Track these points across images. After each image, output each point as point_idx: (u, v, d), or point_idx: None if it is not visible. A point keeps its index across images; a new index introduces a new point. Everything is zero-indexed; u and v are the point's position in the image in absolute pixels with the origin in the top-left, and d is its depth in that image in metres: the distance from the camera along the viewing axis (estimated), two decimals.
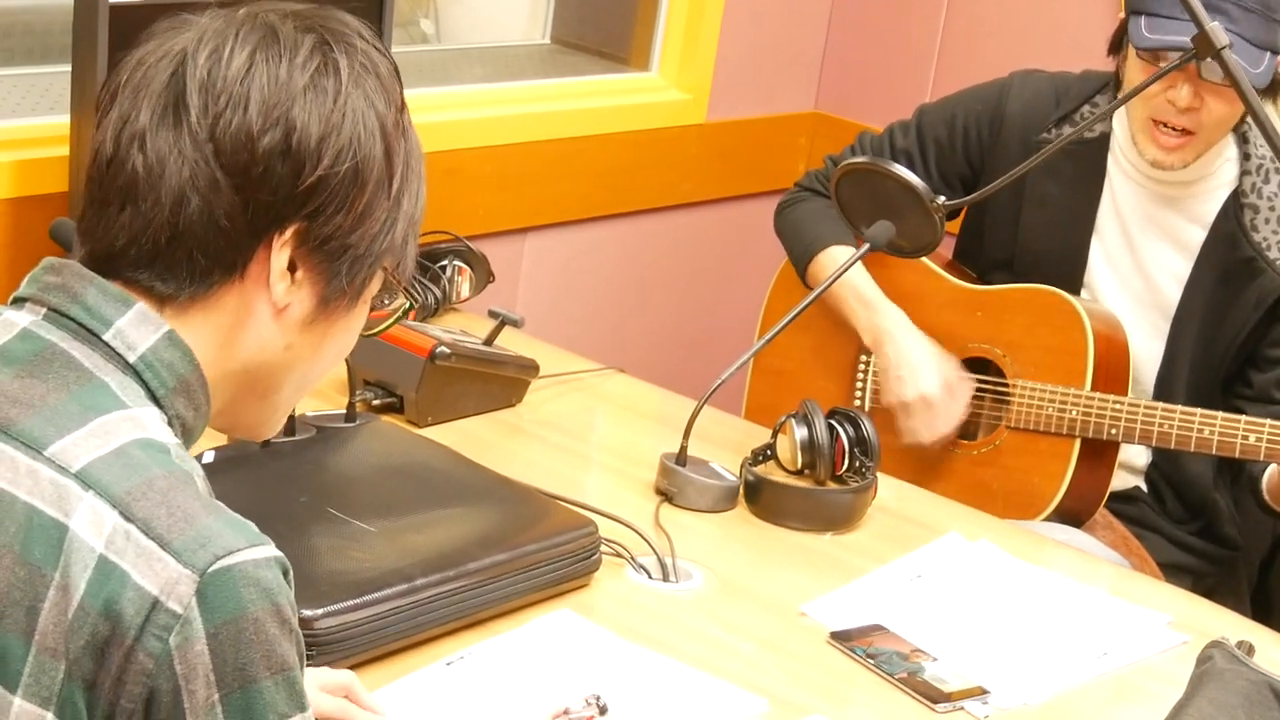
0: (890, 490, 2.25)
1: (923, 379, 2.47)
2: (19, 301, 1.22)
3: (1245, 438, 2.29)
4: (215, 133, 1.17)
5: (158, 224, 1.18)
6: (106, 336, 1.18)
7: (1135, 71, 2.38)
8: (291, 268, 1.21)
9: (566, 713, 1.62)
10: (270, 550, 1.13)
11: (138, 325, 1.19)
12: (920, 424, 2.47)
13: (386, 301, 1.32)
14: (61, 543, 1.09)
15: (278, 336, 1.24)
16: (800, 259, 2.63)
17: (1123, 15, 2.43)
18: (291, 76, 1.18)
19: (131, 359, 1.18)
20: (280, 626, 1.11)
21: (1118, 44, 2.47)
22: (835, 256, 2.57)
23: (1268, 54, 2.30)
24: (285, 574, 1.14)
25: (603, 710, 1.63)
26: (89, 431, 1.13)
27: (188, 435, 1.22)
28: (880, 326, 2.52)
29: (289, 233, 1.20)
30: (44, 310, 1.20)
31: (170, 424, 1.19)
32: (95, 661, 1.08)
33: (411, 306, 1.35)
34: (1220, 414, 2.32)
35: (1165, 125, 2.38)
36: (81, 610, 1.08)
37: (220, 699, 1.09)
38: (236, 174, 1.17)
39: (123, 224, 1.19)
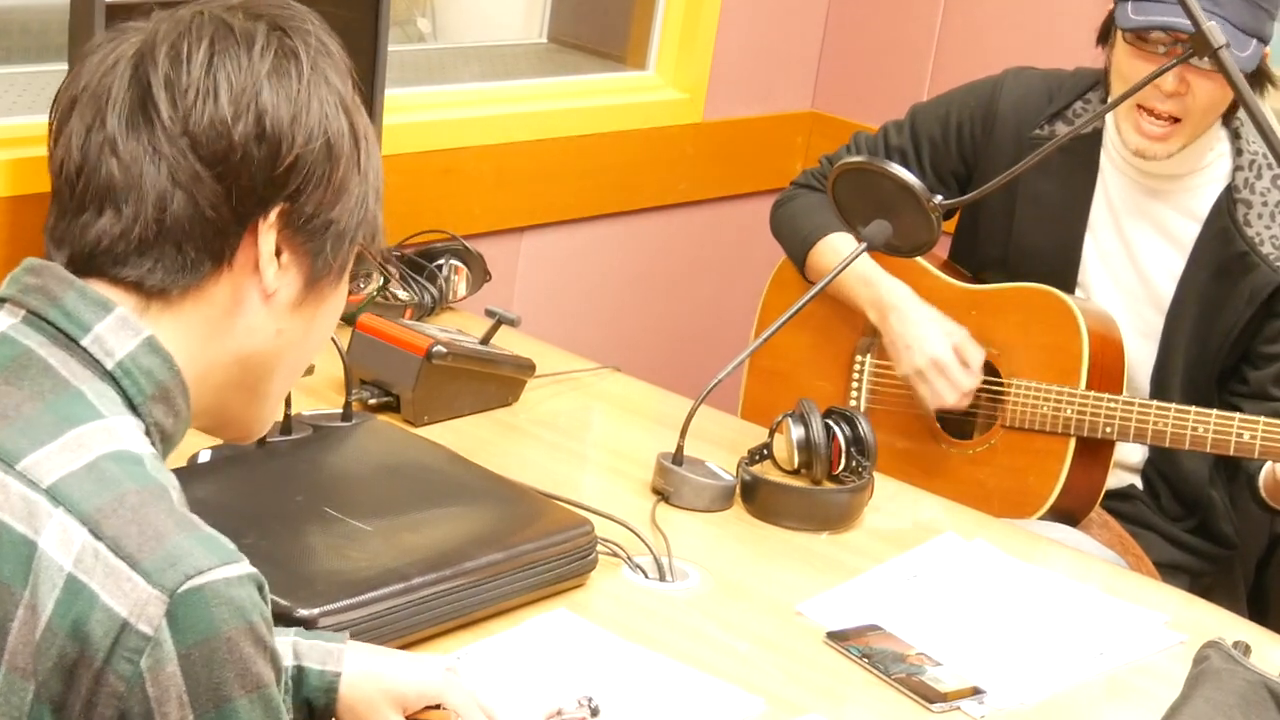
0: (886, 490, 2.25)
1: (929, 344, 2.47)
2: None
3: (1240, 435, 2.29)
4: (189, 126, 1.18)
5: (143, 222, 1.18)
6: (85, 342, 1.17)
7: (1123, 56, 2.38)
8: (276, 252, 1.22)
9: (560, 713, 1.62)
10: (243, 568, 1.11)
11: (117, 331, 1.18)
12: (941, 388, 2.46)
13: (362, 285, 1.34)
14: (30, 560, 1.08)
15: (269, 322, 1.24)
16: (799, 250, 2.63)
17: (1112, 6, 2.43)
18: (254, 64, 1.19)
19: (109, 365, 1.17)
20: (255, 644, 1.10)
21: (1105, 34, 2.47)
22: (835, 244, 2.57)
23: (1253, 40, 2.30)
24: (260, 590, 1.13)
25: (594, 712, 1.63)
26: (62, 444, 1.12)
27: (166, 443, 1.22)
28: (883, 300, 2.52)
29: (273, 215, 1.21)
30: (22, 313, 1.19)
31: (148, 432, 1.18)
32: (64, 683, 1.07)
33: (386, 283, 1.36)
34: (1215, 411, 2.32)
35: (1151, 112, 2.37)
36: (49, 630, 1.07)
37: (195, 719, 1.09)
38: (216, 163, 1.18)
39: (103, 228, 1.19)
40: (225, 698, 1.09)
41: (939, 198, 2.20)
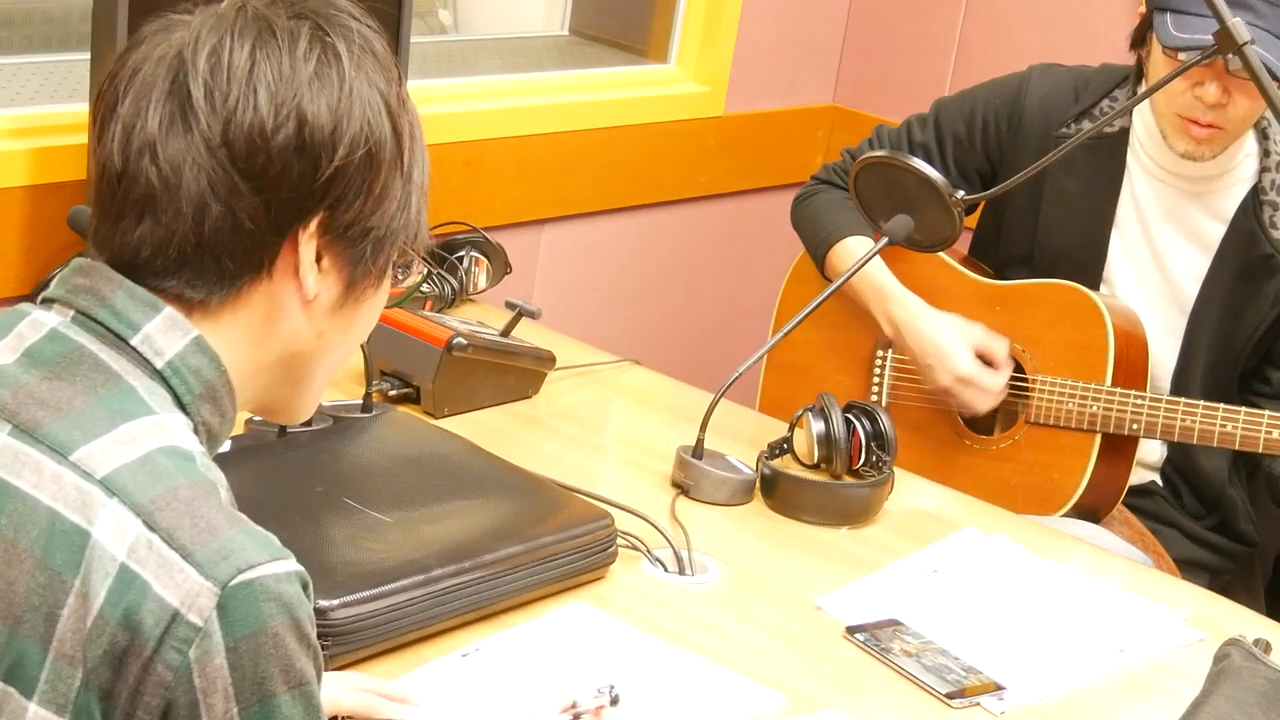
0: (907, 485, 2.25)
1: (952, 360, 2.46)
2: (48, 302, 1.21)
3: (1269, 433, 2.28)
4: (228, 135, 1.16)
5: (181, 234, 1.17)
6: (134, 341, 1.17)
7: (1161, 69, 2.36)
8: (317, 257, 1.21)
9: (575, 705, 1.62)
10: (291, 565, 1.12)
11: (166, 331, 1.18)
12: (971, 399, 2.47)
13: (401, 277, 1.33)
14: (83, 549, 1.09)
15: (309, 326, 1.24)
16: (818, 249, 2.63)
17: (1143, 10, 2.41)
18: (295, 68, 1.17)
19: (159, 365, 1.18)
20: (299, 641, 1.11)
21: (1140, 38, 2.46)
22: (853, 246, 2.56)
23: None
24: (305, 588, 1.13)
25: (614, 700, 1.62)
26: (115, 437, 1.12)
27: (213, 442, 1.22)
28: (895, 317, 2.51)
29: (313, 225, 1.20)
30: (72, 313, 1.19)
31: (196, 431, 1.19)
32: (113, 671, 1.08)
33: (425, 277, 1.36)
34: (1243, 409, 2.32)
35: (1194, 123, 2.36)
36: (101, 619, 1.08)
37: (238, 712, 1.09)
38: (254, 176, 1.17)
39: (143, 236, 1.18)
40: (269, 693, 1.10)
41: (961, 193, 2.19)
